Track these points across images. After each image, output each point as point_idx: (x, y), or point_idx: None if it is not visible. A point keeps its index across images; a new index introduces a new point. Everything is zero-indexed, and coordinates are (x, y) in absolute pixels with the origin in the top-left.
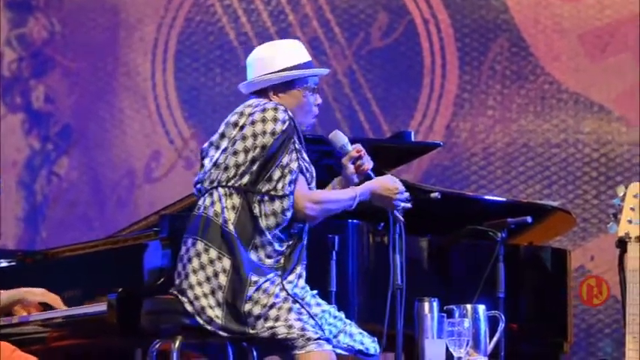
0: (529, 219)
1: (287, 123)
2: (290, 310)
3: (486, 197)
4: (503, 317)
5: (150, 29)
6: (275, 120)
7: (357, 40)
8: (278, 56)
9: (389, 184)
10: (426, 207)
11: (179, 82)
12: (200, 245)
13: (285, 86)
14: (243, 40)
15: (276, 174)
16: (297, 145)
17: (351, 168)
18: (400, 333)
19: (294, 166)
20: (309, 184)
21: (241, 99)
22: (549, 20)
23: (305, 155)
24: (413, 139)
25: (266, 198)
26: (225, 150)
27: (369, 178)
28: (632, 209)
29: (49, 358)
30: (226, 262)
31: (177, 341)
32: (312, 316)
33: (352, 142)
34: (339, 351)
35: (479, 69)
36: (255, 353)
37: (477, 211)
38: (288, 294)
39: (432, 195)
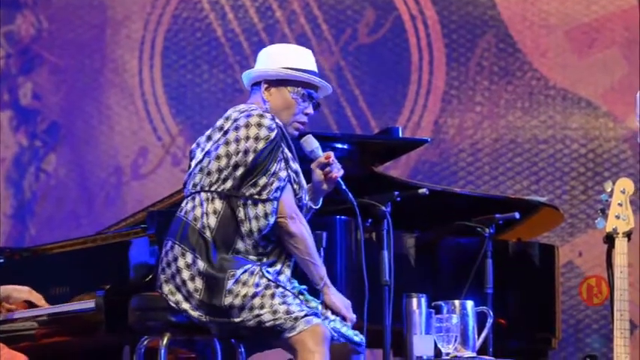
0: (517, 215)
1: (275, 131)
2: (273, 295)
3: (474, 193)
4: (491, 313)
5: (137, 26)
6: (259, 125)
7: (344, 36)
8: (281, 55)
9: (345, 303)
10: (414, 203)
11: (166, 78)
12: (177, 249)
13: (277, 83)
14: (230, 36)
15: (262, 180)
16: (285, 154)
17: (319, 174)
18: (388, 329)
19: (282, 174)
20: (296, 194)
21: (229, 95)
22: (536, 16)
23: (293, 164)
24: (401, 135)
25: (249, 202)
26: (208, 153)
27: (338, 187)
28: (620, 205)
29: (38, 355)
30: (201, 265)
31: (165, 338)
32: (296, 296)
33: (340, 138)
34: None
35: (466, 65)
36: (242, 349)
37: (464, 207)
38: (269, 280)
39: (420, 191)
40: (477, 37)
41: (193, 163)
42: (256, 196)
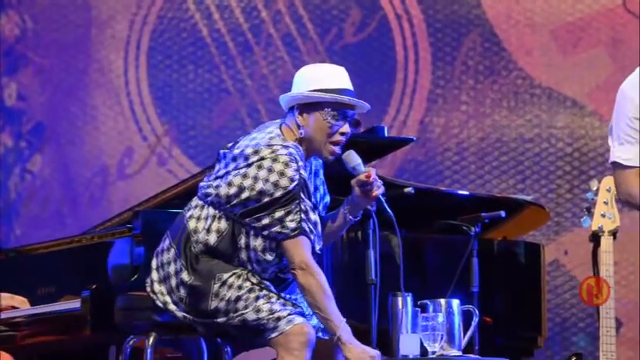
0: (503, 213)
1: (295, 183)
2: (257, 297)
3: (460, 192)
4: (477, 312)
5: (122, 26)
6: (281, 174)
7: (329, 35)
8: (310, 77)
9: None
10: (400, 202)
11: (152, 78)
12: (172, 253)
13: (309, 107)
14: (216, 36)
15: (266, 220)
16: (302, 206)
17: (359, 191)
18: (374, 328)
19: (290, 225)
20: (313, 246)
21: (214, 95)
22: (521, 15)
23: (313, 215)
24: (386, 134)
25: (252, 232)
26: (227, 174)
27: (379, 203)
28: (606, 203)
29: (23, 356)
30: (185, 276)
31: (151, 338)
32: (281, 297)
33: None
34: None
35: (452, 64)
36: (229, 349)
37: (450, 206)
38: (253, 283)
39: (406, 190)
40: (463, 36)
41: (214, 171)
42: (259, 230)
